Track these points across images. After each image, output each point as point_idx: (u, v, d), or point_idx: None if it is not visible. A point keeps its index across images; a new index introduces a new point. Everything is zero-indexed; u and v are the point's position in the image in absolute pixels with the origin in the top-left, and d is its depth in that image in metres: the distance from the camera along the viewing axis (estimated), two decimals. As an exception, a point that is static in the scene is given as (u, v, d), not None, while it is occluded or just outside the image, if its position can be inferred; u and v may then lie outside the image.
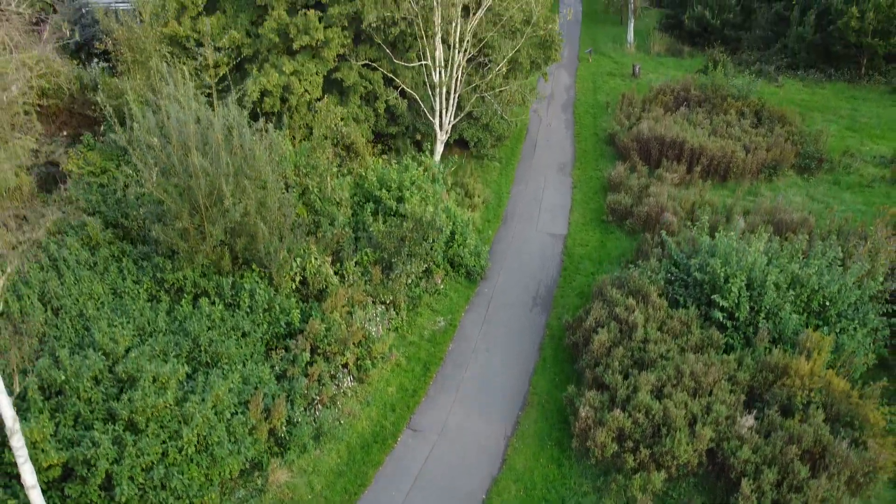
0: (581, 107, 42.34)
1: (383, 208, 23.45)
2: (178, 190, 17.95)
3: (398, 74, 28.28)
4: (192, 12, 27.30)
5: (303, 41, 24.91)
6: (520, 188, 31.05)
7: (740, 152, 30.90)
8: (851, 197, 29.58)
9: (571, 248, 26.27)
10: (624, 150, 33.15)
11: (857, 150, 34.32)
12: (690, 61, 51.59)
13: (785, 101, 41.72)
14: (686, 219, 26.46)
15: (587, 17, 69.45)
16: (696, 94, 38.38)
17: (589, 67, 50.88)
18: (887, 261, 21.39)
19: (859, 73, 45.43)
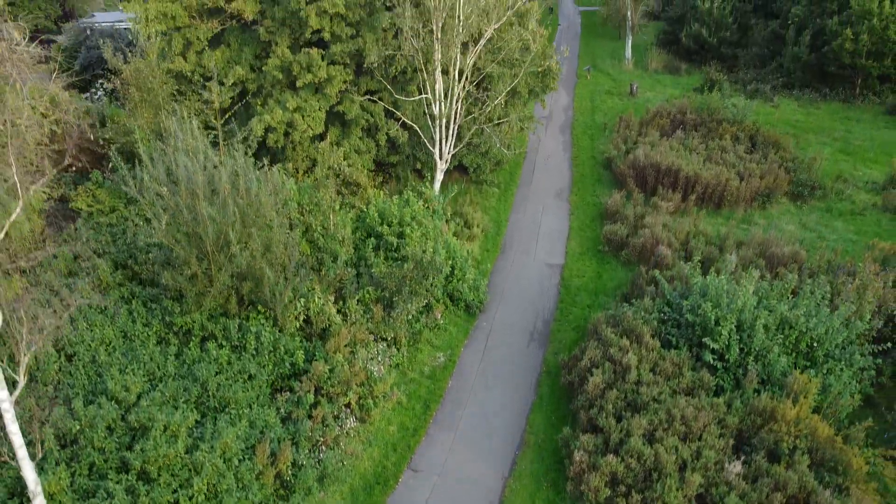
0: (579, 127, 42.95)
1: (384, 244, 24.06)
2: (186, 237, 18.56)
3: (399, 106, 28.88)
4: (197, 47, 27.95)
5: (306, 79, 25.52)
6: (518, 216, 31.64)
7: (734, 180, 31.49)
8: (843, 225, 30.17)
9: (568, 279, 26.88)
10: (621, 176, 33.76)
11: (850, 175, 34.93)
12: (688, 79, 52.21)
13: (780, 123, 42.37)
14: (681, 250, 27.08)
15: (586, 30, 70.15)
16: (692, 117, 38.97)
17: (587, 85, 51.48)
18: (874, 298, 22.00)
19: (854, 93, 46.01)
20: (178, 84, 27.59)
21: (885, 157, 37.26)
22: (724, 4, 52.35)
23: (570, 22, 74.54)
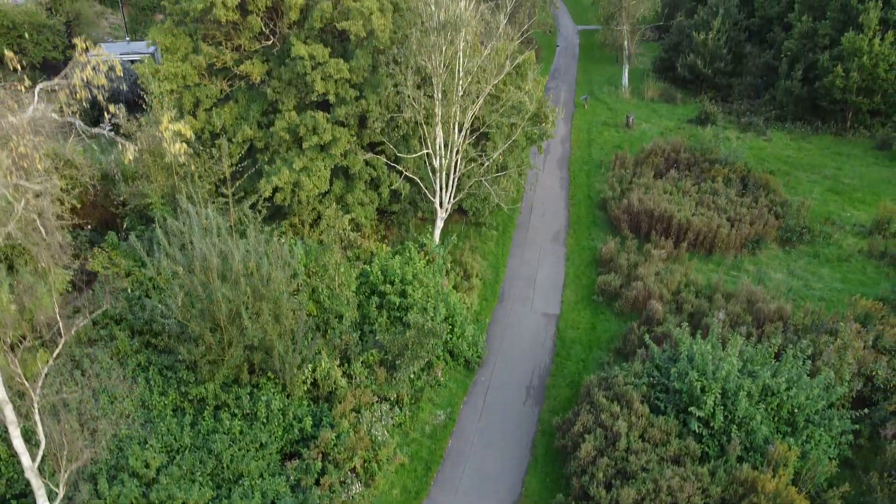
0: (576, 163, 44.00)
1: (387, 303, 25.16)
2: (200, 313, 19.65)
3: (400, 160, 29.95)
4: (206, 105, 29.03)
5: (312, 141, 26.61)
6: (516, 261, 32.73)
7: (725, 226, 32.57)
8: (830, 273, 31.26)
9: (563, 330, 27.99)
10: (615, 220, 34.84)
11: (838, 216, 36.02)
12: (683, 108, 53.28)
13: (772, 158, 43.49)
14: (672, 302, 28.17)
15: (584, 53, 71.15)
16: (686, 156, 40.06)
17: (585, 115, 52.52)
18: (854, 359, 23.12)
19: (845, 126, 47.12)
20: (189, 143, 28.64)
21: (872, 196, 38.35)
22: (718, 36, 53.34)
23: (569, 43, 75.53)
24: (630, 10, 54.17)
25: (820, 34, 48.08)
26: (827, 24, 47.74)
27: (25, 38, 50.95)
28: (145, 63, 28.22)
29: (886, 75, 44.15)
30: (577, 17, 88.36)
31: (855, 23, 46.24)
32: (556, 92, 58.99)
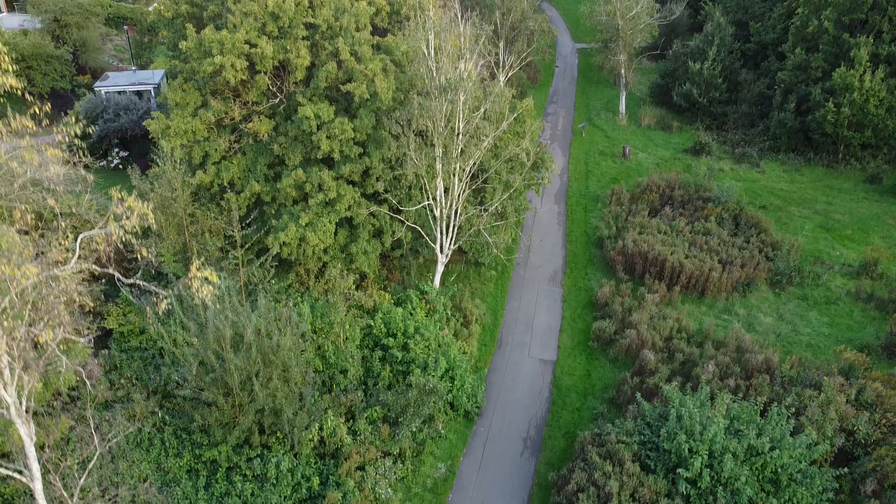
0: (573, 196, 45.03)
1: (390, 357, 26.22)
2: (213, 381, 20.72)
3: (402, 210, 30.99)
4: (214, 158, 30.07)
5: (318, 198, 27.66)
6: (514, 304, 33.78)
7: (717, 270, 33.59)
8: (818, 317, 32.31)
9: (560, 377, 29.06)
10: (611, 261, 35.88)
11: (827, 256, 37.08)
12: (679, 136, 54.30)
13: (765, 192, 44.56)
14: (664, 349, 29.23)
15: (583, 74, 72.07)
16: (680, 193, 41.10)
17: (582, 144, 53.55)
18: (837, 415, 24.17)
19: (837, 158, 48.16)
20: (198, 195, 29.70)
21: (861, 234, 39.43)
22: (713, 65, 54.31)
23: (567, 64, 76.44)
24: (627, 38, 55.13)
25: (813, 67, 49.10)
26: (819, 58, 48.77)
27: (34, 68, 51.95)
28: (156, 119, 29.20)
29: (876, 111, 45.19)
30: (575, 34, 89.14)
31: (846, 56, 47.30)
32: (554, 117, 60.04)
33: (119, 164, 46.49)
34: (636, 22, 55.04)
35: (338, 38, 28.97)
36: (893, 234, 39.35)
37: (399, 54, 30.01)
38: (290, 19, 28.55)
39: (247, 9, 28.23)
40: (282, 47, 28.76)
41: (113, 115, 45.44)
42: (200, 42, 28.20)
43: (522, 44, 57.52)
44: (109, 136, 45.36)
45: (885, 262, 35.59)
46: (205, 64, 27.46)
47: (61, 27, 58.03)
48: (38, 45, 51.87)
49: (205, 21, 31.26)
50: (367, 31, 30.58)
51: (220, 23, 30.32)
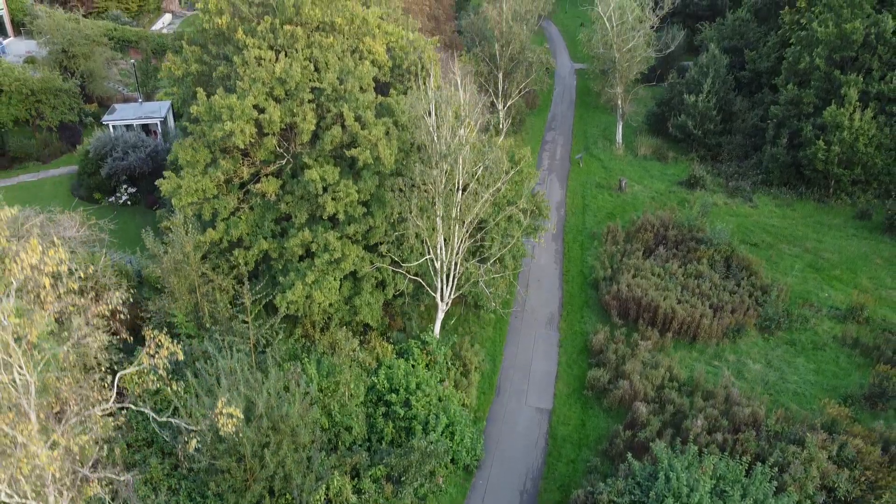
0: (570, 233, 46.23)
1: (393, 413, 27.46)
2: (227, 450, 21.96)
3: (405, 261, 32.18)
4: (223, 214, 31.25)
5: (324, 258, 28.86)
6: (512, 349, 35.01)
7: (708, 316, 34.80)
8: (805, 363, 33.52)
9: (555, 427, 30.29)
10: (606, 306, 37.09)
11: (815, 298, 38.28)
12: (674, 168, 55.48)
13: (757, 228, 45.78)
14: (655, 399, 30.45)
15: (580, 99, 73.25)
16: (674, 233, 42.31)
17: (579, 176, 54.73)
18: (818, 472, 25.40)
19: (828, 192, 49.32)
20: (208, 250, 30.87)
21: (850, 274, 40.66)
22: (708, 97, 55.46)
23: (566, 86, 77.57)
24: (623, 70, 56.26)
25: (805, 102, 50.27)
26: (811, 94, 49.96)
27: (43, 102, 53.10)
28: (168, 179, 30.32)
29: (866, 149, 46.41)
30: (574, 52, 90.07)
31: (837, 93, 48.48)
32: (552, 145, 61.23)
33: (127, 201, 47.74)
34: (633, 54, 56.17)
35: (342, 101, 30.14)
36: (880, 275, 40.57)
37: (400, 114, 31.16)
38: (297, 83, 29.74)
39: (255, 74, 29.40)
40: (289, 110, 29.95)
41: (122, 153, 46.63)
42: (210, 107, 29.36)
43: (522, 74, 58.72)
44: (118, 173, 46.54)
45: (872, 307, 36.78)
46: (215, 129, 28.63)
47: (69, 58, 59.18)
48: (48, 80, 53.04)
49: (214, 81, 32.43)
50: (370, 91, 31.75)
51: (230, 84, 31.51)
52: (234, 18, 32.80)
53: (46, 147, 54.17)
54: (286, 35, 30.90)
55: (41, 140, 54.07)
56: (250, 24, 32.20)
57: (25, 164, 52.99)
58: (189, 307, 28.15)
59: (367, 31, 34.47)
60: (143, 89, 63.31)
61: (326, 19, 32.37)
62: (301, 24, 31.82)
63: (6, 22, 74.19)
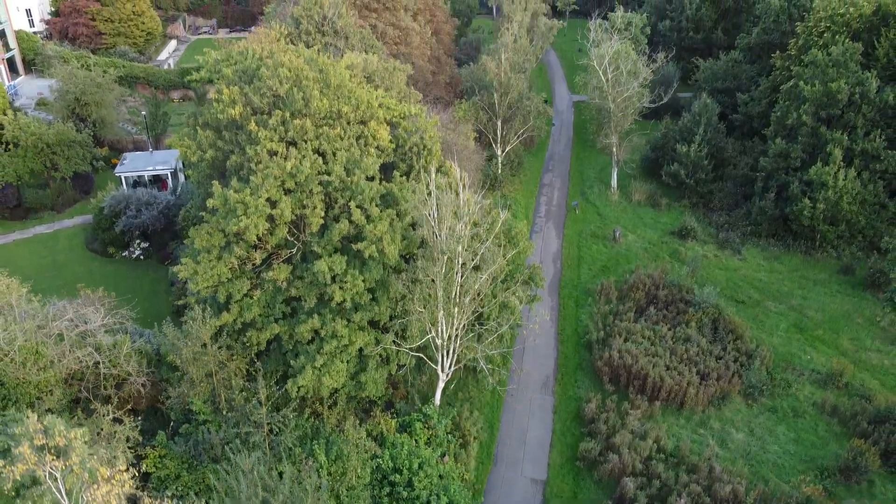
0: (566, 287, 48.17)
1: (396, 493, 29.46)
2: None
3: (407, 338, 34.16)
4: (237, 297, 33.17)
5: (332, 345, 30.83)
6: (509, 416, 37.01)
7: (694, 384, 36.75)
8: (785, 432, 35.49)
9: (549, 498, 32.33)
10: (598, 371, 39.06)
11: (798, 360, 40.29)
12: (667, 215, 57.39)
13: (745, 283, 47.75)
14: (643, 472, 32.44)
15: (578, 136, 75.14)
16: (665, 293, 44.27)
17: (576, 223, 56.66)
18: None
19: (814, 245, 51.20)
20: (222, 331, 32.80)
21: (832, 334, 42.68)
22: (700, 147, 57.34)
23: (564, 122, 79.39)
24: (618, 121, 58.13)
25: (792, 156, 52.15)
26: (798, 148, 51.84)
27: (58, 154, 54.99)
28: (185, 264, 32.22)
29: (850, 207, 48.33)
30: (573, 82, 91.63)
31: (823, 149, 50.35)
32: (549, 189, 63.16)
33: (140, 255, 49.71)
34: (627, 104, 58.05)
35: (349, 191, 32.04)
36: (860, 335, 42.54)
37: (403, 202, 33.03)
38: (306, 177, 31.67)
39: (268, 170, 31.31)
40: (299, 201, 31.90)
41: (135, 210, 48.59)
42: (226, 199, 31.28)
43: (520, 122, 60.65)
44: (132, 230, 48.49)
45: (851, 372, 38.73)
46: (231, 223, 30.58)
47: (81, 105, 61.07)
48: (62, 133, 54.86)
49: (227, 170, 34.35)
50: (375, 178, 33.67)
51: (243, 174, 33.39)
52: (246, 108, 34.70)
53: (60, 196, 56.13)
54: (296, 128, 32.83)
55: (55, 189, 56.01)
56: (262, 115, 34.14)
57: (40, 214, 54.96)
58: (206, 393, 30.11)
59: (372, 114, 36.38)
60: (152, 133, 65.19)
61: (334, 109, 34.32)
62: (310, 116, 33.74)
63: (17, 61, 76.13)
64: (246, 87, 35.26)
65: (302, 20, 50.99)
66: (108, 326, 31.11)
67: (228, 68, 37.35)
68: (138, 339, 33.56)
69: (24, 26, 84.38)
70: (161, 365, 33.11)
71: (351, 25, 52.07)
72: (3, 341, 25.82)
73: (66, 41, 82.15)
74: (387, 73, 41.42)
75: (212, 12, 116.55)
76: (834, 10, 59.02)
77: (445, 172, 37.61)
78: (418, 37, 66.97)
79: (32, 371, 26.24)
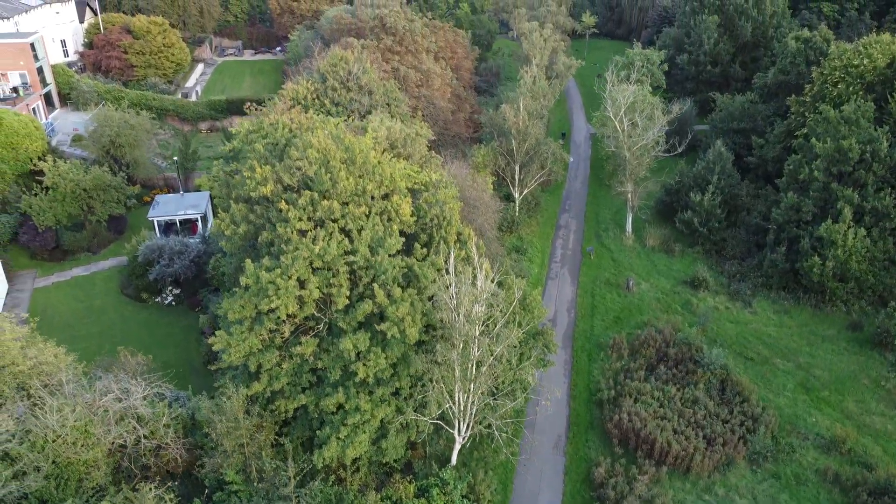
0: (579, 339, 49.83)
1: (416, 563, 31.47)
2: None
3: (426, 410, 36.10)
4: (267, 367, 35.26)
5: (356, 419, 32.86)
6: (521, 478, 38.80)
7: (700, 451, 38.28)
8: (787, 500, 36.93)
9: (559, 568, 34.15)
10: (609, 433, 40.73)
11: (803, 423, 41.65)
12: (680, 263, 58.79)
13: (754, 337, 49.11)
14: (649, 540, 34.19)
15: (594, 173, 76.51)
16: (675, 351, 45.79)
17: (590, 270, 58.23)
18: None
19: (824, 299, 52.33)
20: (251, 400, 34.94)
21: (837, 396, 43.96)
22: (714, 196, 58.61)
23: (580, 156, 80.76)
24: (633, 169, 59.58)
25: (804, 210, 53.31)
26: (809, 203, 52.99)
27: (94, 198, 57.63)
28: (219, 337, 34.38)
29: (859, 266, 49.44)
30: (591, 111, 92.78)
31: (834, 205, 51.46)
32: (566, 232, 64.77)
33: (172, 301, 52.13)
34: (643, 151, 59.47)
35: (372, 271, 34.00)
36: (866, 398, 43.78)
37: (424, 279, 34.92)
38: (333, 258, 33.69)
39: (297, 252, 33.36)
40: (325, 280, 33.92)
41: (168, 259, 50.98)
42: (258, 278, 33.39)
43: (537, 167, 62.31)
44: (165, 278, 50.91)
45: (854, 437, 40.05)
46: (262, 304, 32.70)
47: (116, 147, 63.69)
48: (98, 178, 57.49)
49: (259, 245, 36.46)
50: (398, 256, 35.59)
51: (273, 250, 35.43)
52: (276, 185, 36.80)
53: (95, 237, 58.75)
54: (324, 209, 34.85)
55: (90, 231, 58.62)
56: (292, 193, 36.23)
57: (77, 255, 57.60)
58: (239, 464, 32.25)
59: (395, 188, 38.30)
60: (182, 171, 67.67)
61: (359, 188, 36.29)
62: (336, 196, 35.73)
63: (54, 94, 79.05)
64: (277, 165, 37.38)
65: (328, 76, 53.02)
66: (148, 397, 33.33)
67: (260, 143, 39.48)
68: (174, 403, 35.76)
69: (60, 56, 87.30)
70: (196, 430, 35.32)
71: (375, 81, 54.02)
72: (57, 424, 28.07)
73: (99, 73, 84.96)
74: (409, 141, 43.28)
75: (237, 33, 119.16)
76: (849, 59, 60.03)
77: (464, 242, 39.51)
78: (439, 79, 68.82)
79: (83, 450, 28.50)
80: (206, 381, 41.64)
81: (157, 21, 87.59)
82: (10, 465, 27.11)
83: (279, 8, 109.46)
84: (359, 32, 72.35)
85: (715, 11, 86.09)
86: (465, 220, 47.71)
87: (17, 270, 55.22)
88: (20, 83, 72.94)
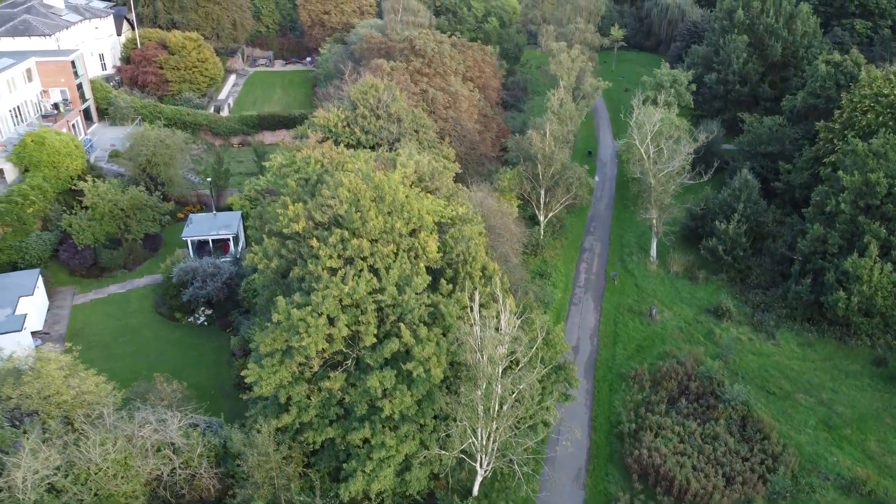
0: (601, 369, 50.39)
1: None
2: None
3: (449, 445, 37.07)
4: (296, 399, 36.47)
5: (381, 454, 33.95)
6: (541, 510, 39.66)
7: (719, 490, 38.71)
8: (805, 544, 37.34)
9: None
10: (629, 468, 41.34)
11: (824, 462, 41.82)
12: (704, 290, 59.01)
13: (777, 371, 49.27)
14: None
15: (619, 193, 76.74)
16: (696, 385, 46.17)
17: (613, 296, 58.71)
18: None
19: (848, 332, 52.25)
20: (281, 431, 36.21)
21: (859, 434, 44.01)
22: (739, 225, 58.72)
23: (606, 176, 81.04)
24: (658, 195, 59.90)
25: (830, 242, 53.24)
26: (836, 235, 52.91)
27: (131, 217, 59.57)
28: (251, 370, 35.68)
29: (884, 302, 49.31)
30: (617, 128, 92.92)
31: (861, 238, 51.33)
32: (590, 255, 65.26)
33: (204, 321, 53.74)
34: (668, 178, 59.77)
35: (399, 309, 35.04)
36: (888, 437, 43.78)
37: (450, 319, 35.86)
38: (362, 296, 34.80)
39: (327, 290, 34.53)
40: (354, 318, 35.04)
41: (201, 281, 52.58)
42: (289, 315, 34.61)
43: (562, 191, 62.93)
44: (198, 299, 52.53)
45: (874, 479, 40.16)
46: (293, 340, 33.93)
47: (152, 166, 65.63)
48: (136, 197, 59.35)
49: (290, 280, 37.71)
50: (424, 294, 36.59)
51: (304, 286, 36.63)
52: (308, 222, 38.03)
53: (131, 254, 60.64)
54: (354, 247, 35.96)
55: (126, 248, 60.53)
56: (322, 230, 37.42)
57: (114, 273, 59.49)
58: (269, 495, 33.53)
59: (422, 224, 39.29)
60: (214, 188, 69.37)
61: (388, 226, 37.34)
62: (365, 234, 36.82)
63: (92, 109, 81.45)
64: (309, 202, 38.61)
65: (358, 104, 54.21)
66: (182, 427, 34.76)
67: (292, 178, 40.76)
68: (207, 431, 37.18)
69: (98, 69, 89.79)
70: (228, 459, 36.69)
71: (404, 109, 55.09)
72: (99, 457, 29.57)
73: (136, 88, 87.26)
74: (436, 174, 44.25)
75: (269, 44, 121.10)
76: (879, 88, 59.72)
77: (489, 277, 40.40)
78: (466, 101, 69.69)
79: (122, 482, 29.98)
80: (237, 404, 43.00)
81: (191, 37, 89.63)
82: (56, 497, 28.63)
83: (310, 20, 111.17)
84: (388, 52, 73.52)
85: (745, 31, 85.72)
86: (490, 248, 48.55)
87: (57, 287, 57.28)
88: (61, 99, 75.35)
